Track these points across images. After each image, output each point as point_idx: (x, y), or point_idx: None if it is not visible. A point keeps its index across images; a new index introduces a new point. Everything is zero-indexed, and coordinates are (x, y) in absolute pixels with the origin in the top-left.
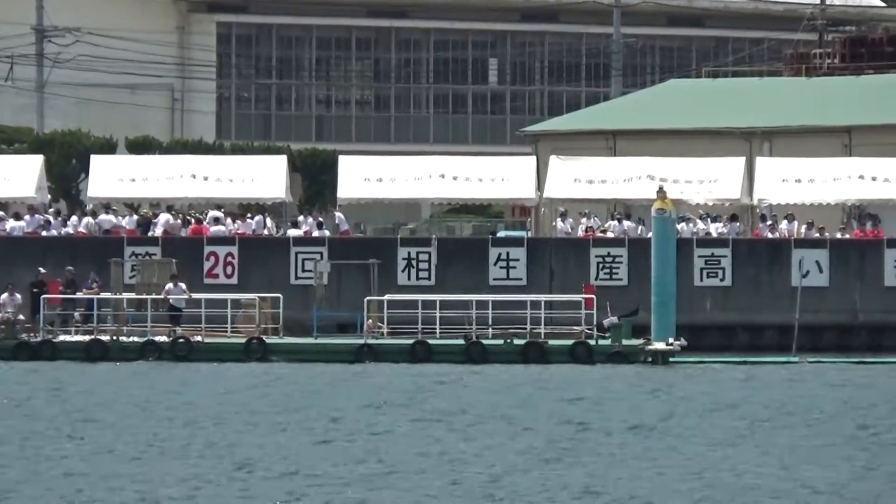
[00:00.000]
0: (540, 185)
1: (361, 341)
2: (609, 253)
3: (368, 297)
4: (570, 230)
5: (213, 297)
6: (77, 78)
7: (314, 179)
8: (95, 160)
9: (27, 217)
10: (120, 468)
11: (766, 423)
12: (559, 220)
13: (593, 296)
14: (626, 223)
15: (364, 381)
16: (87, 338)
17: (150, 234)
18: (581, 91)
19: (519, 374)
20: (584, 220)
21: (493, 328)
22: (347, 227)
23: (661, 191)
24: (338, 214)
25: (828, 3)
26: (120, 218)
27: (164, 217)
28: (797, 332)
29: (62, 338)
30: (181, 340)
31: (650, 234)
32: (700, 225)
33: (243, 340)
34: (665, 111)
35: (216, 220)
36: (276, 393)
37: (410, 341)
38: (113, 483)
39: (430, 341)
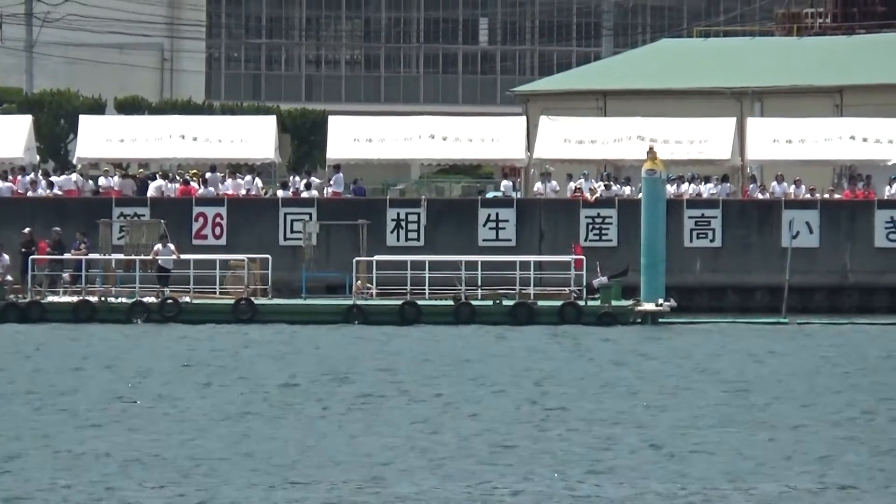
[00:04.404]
0: (530, 146)
1: (350, 302)
2: (599, 214)
3: (357, 258)
4: (557, 190)
5: (201, 258)
6: (66, 38)
7: (303, 140)
8: (84, 120)
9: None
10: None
11: None
12: (539, 182)
13: (582, 256)
14: (615, 188)
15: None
16: (75, 299)
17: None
18: (572, 51)
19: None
20: (571, 183)
21: (482, 289)
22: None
23: (651, 151)
24: (337, 176)
25: None
26: (111, 178)
27: (155, 183)
28: (787, 293)
29: (50, 298)
30: (170, 301)
31: (640, 195)
32: (684, 187)
33: (232, 301)
34: (656, 71)
35: (212, 179)
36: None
37: (399, 302)
38: None
39: (420, 302)
